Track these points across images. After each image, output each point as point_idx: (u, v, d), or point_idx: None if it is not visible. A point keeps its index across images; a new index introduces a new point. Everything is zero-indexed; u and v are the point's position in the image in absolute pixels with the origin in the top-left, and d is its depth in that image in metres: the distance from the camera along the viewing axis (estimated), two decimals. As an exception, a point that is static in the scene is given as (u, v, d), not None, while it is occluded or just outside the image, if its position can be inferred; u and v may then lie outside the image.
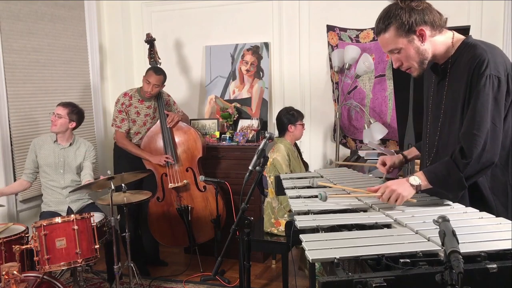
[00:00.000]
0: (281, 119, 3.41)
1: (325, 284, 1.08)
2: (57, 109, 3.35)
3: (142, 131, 3.85)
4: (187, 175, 3.80)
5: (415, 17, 1.64)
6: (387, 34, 1.70)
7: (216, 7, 4.46)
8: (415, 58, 1.71)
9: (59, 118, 3.32)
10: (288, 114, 3.39)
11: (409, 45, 1.68)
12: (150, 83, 3.67)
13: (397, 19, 1.65)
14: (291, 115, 3.38)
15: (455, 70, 1.73)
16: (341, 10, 4.03)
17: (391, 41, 1.70)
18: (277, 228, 3.26)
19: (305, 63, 4.24)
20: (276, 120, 3.46)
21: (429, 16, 1.65)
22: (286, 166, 3.23)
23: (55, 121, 3.32)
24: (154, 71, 3.70)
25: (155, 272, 3.82)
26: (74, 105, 3.42)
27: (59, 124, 3.32)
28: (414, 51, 1.69)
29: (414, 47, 1.69)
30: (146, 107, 3.81)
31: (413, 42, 1.68)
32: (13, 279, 2.17)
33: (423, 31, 1.66)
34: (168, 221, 3.83)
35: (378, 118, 3.93)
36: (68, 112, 3.34)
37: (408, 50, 1.69)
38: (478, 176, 1.64)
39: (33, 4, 3.87)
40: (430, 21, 1.65)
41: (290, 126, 3.37)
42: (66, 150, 3.39)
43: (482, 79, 1.59)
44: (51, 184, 3.37)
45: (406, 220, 1.49)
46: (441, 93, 1.79)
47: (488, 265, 1.11)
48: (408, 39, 1.67)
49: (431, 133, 1.86)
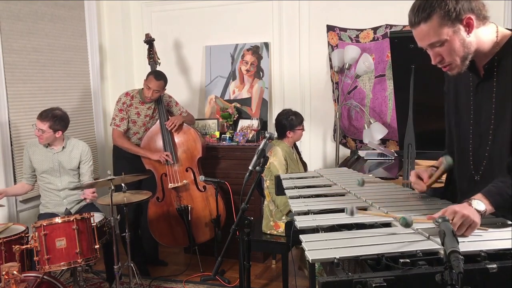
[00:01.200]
0: (280, 123, 3.38)
1: (325, 284, 1.08)
2: (38, 124, 3.18)
3: (141, 131, 3.84)
4: (186, 175, 3.80)
5: (462, 3, 1.40)
6: (428, 23, 1.43)
7: (216, 7, 4.46)
8: (459, 52, 1.46)
9: (43, 133, 3.18)
10: (287, 119, 3.34)
11: (455, 37, 1.44)
12: (150, 89, 3.63)
13: (442, 6, 1.41)
14: (290, 121, 3.33)
15: (503, 70, 1.50)
16: (341, 10, 4.03)
17: (434, 32, 1.44)
18: (277, 231, 3.26)
19: (305, 63, 4.24)
20: (275, 122, 3.45)
21: (475, 3, 1.43)
22: (283, 171, 3.21)
23: (40, 136, 3.21)
24: (154, 76, 3.64)
25: (155, 272, 3.82)
26: (53, 114, 3.20)
27: (45, 138, 3.21)
28: (459, 43, 1.45)
29: (460, 39, 1.44)
30: (146, 108, 3.80)
31: (458, 33, 1.43)
32: (13, 279, 2.17)
33: (471, 20, 1.42)
34: (168, 221, 3.83)
35: (378, 118, 3.93)
36: (50, 125, 3.18)
37: (453, 42, 1.44)
38: None
39: (33, 4, 3.87)
40: (477, 8, 1.43)
41: (289, 132, 3.35)
42: (60, 154, 3.34)
43: None
44: (48, 186, 3.36)
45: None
46: (487, 96, 1.54)
47: (488, 265, 1.11)
48: (454, 29, 1.43)
49: (477, 141, 1.60)
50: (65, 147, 3.36)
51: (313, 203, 1.77)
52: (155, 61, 3.96)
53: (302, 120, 3.41)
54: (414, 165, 2.54)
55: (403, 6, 3.63)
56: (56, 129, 3.22)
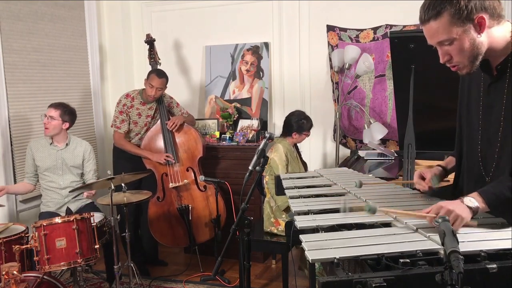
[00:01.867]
0: (290, 123, 3.39)
1: (325, 284, 1.08)
2: (49, 111, 3.28)
3: (142, 131, 3.84)
4: (187, 175, 3.80)
5: (475, 2, 1.37)
6: (438, 21, 1.41)
7: (216, 7, 4.46)
8: (468, 52, 1.43)
9: (52, 120, 3.26)
10: (298, 121, 3.36)
11: (464, 36, 1.41)
12: (153, 87, 3.63)
13: (453, 3, 1.38)
14: (300, 123, 3.35)
15: None
16: (341, 10, 4.03)
17: (443, 30, 1.41)
18: (277, 228, 3.27)
19: (305, 63, 4.24)
20: (284, 120, 3.45)
21: (489, 2, 1.39)
22: (283, 167, 3.22)
23: (47, 124, 3.26)
24: (156, 75, 3.65)
25: (155, 272, 3.82)
26: (65, 105, 3.35)
27: (52, 126, 3.26)
28: (469, 43, 1.42)
29: (470, 39, 1.41)
30: (147, 109, 3.80)
31: (469, 32, 1.41)
32: (13, 279, 2.17)
33: (483, 19, 1.39)
34: (168, 221, 3.82)
35: (378, 118, 3.93)
36: (60, 113, 3.27)
37: (462, 41, 1.41)
38: None
39: (33, 4, 3.87)
40: (491, 7, 1.39)
41: (295, 134, 3.37)
42: (63, 151, 3.36)
43: None
44: (50, 185, 3.36)
45: (406, 218, 1.49)
46: (498, 97, 1.51)
47: (488, 265, 1.11)
48: (464, 29, 1.40)
49: (486, 142, 1.57)
50: (68, 144, 3.39)
51: (313, 203, 1.77)
52: (155, 61, 3.96)
53: (311, 126, 3.44)
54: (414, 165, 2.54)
55: (403, 6, 3.68)
56: (64, 120, 3.30)
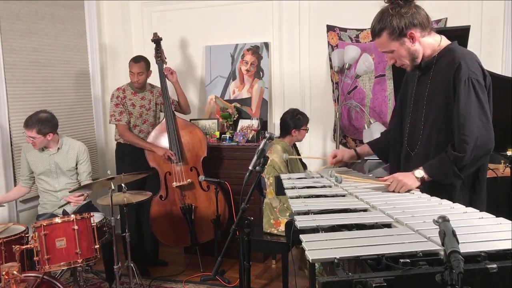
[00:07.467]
0: (286, 121, 3.39)
1: (325, 284, 1.08)
2: (26, 132, 3.16)
3: (139, 123, 3.85)
4: (191, 174, 3.80)
5: (404, 21, 1.82)
6: (380, 39, 1.89)
7: (216, 7, 4.46)
8: (406, 57, 1.91)
9: (34, 139, 3.17)
10: (294, 118, 3.37)
11: (401, 47, 1.88)
12: (134, 73, 3.71)
13: (388, 25, 1.84)
14: (297, 120, 3.37)
15: (438, 68, 1.90)
16: (341, 10, 4.03)
17: (385, 45, 1.90)
18: (277, 229, 3.26)
19: (305, 63, 4.24)
20: (280, 121, 3.45)
21: (418, 19, 1.83)
22: (284, 167, 3.23)
23: (31, 142, 3.19)
24: (133, 61, 3.74)
25: (155, 272, 3.82)
26: (38, 120, 3.15)
27: (38, 143, 3.20)
28: (405, 52, 1.89)
29: (405, 48, 1.88)
30: (140, 99, 3.83)
31: (404, 44, 1.87)
32: (13, 279, 2.17)
33: (413, 34, 1.85)
34: (171, 220, 3.82)
35: (378, 118, 3.93)
36: (37, 130, 3.14)
37: (400, 51, 1.89)
38: (472, 166, 1.79)
39: (33, 4, 3.87)
40: (419, 23, 1.84)
41: (294, 131, 3.37)
42: (56, 155, 3.34)
43: (462, 83, 1.76)
44: (46, 187, 3.36)
45: (406, 219, 1.49)
46: (423, 87, 1.96)
47: (488, 265, 1.10)
48: (400, 42, 1.87)
49: (413, 123, 2.02)
50: (60, 148, 3.35)
51: (313, 203, 1.77)
52: (162, 60, 3.95)
53: (308, 121, 3.45)
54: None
55: (403, 6, 3.67)
56: (45, 133, 3.19)
